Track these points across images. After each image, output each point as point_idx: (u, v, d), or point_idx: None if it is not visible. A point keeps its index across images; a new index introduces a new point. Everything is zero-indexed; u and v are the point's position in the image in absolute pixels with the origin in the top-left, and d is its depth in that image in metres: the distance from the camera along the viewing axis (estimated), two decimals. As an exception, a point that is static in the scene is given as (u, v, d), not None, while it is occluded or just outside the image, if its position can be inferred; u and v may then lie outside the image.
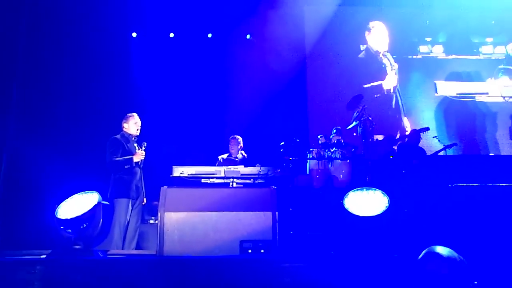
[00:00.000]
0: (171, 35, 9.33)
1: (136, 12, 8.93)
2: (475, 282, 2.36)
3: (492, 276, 3.59)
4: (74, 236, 4.37)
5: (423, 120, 9.15)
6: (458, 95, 9.39)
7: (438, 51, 9.62)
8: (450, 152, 7.44)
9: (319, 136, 7.48)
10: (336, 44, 9.43)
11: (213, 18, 9.17)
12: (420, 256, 2.48)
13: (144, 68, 9.02)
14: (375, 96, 9.22)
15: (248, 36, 9.51)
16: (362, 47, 9.52)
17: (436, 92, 9.43)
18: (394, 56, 9.48)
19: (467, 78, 9.51)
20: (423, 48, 9.63)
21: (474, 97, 9.41)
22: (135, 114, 6.07)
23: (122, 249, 5.51)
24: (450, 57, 9.58)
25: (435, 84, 9.46)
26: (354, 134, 7.33)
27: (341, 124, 7.72)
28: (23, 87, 7.63)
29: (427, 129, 7.54)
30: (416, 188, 5.87)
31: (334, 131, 7.41)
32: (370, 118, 7.17)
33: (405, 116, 9.21)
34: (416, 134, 7.44)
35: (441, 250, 2.46)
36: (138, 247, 6.09)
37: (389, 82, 9.34)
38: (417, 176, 6.33)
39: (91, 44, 8.40)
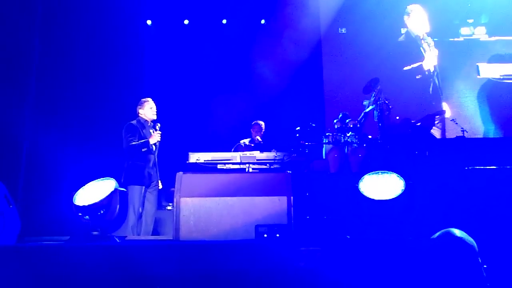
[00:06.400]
0: (186, 22, 9.33)
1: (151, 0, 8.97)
2: (484, 266, 2.35)
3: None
4: (91, 223, 4.44)
5: (465, 103, 9.00)
6: (501, 77, 9.12)
7: (480, 32, 9.35)
8: (489, 134, 7.27)
9: (335, 121, 7.43)
10: (352, 27, 9.31)
11: (228, 4, 9.14)
12: (435, 235, 2.47)
13: (159, 56, 9.08)
14: (417, 77, 9.09)
15: (262, 21, 9.46)
16: (403, 31, 9.39)
17: (479, 75, 9.17)
18: (435, 39, 9.29)
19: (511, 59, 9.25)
20: (465, 31, 9.37)
21: (519, 79, 9.14)
22: (149, 99, 6.13)
23: (139, 235, 5.60)
24: (493, 38, 9.29)
25: (477, 66, 9.19)
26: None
27: (357, 108, 7.65)
28: (40, 77, 7.71)
29: (443, 112, 7.45)
30: (432, 171, 5.81)
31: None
32: (386, 102, 7.09)
33: (443, 101, 9.05)
34: (430, 118, 7.35)
35: (458, 233, 2.45)
36: (155, 232, 6.18)
37: (429, 61, 9.17)
38: (434, 159, 6.27)
39: (106, 33, 8.46)
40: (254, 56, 8.90)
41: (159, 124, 6.02)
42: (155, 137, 5.91)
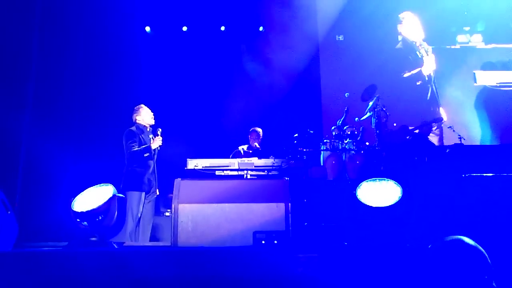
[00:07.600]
0: (184, 28, 9.37)
1: (149, 6, 8.99)
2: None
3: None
4: (90, 229, 4.44)
5: (461, 110, 8.99)
6: (498, 85, 9.13)
7: (477, 40, 9.37)
8: (486, 141, 7.25)
9: (332, 128, 7.45)
10: (349, 34, 9.35)
11: (226, 11, 9.19)
12: (446, 239, 2.45)
13: (158, 61, 9.10)
14: (417, 83, 9.10)
15: (261, 28, 9.50)
16: (400, 38, 9.41)
17: (475, 82, 9.18)
18: (432, 47, 9.31)
19: (508, 67, 9.23)
20: (461, 38, 9.39)
21: (515, 86, 9.12)
22: (143, 105, 6.15)
23: (137, 241, 5.60)
24: (490, 46, 9.31)
25: (474, 74, 9.21)
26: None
27: (355, 115, 7.67)
28: (38, 82, 7.72)
29: (441, 119, 7.46)
30: (429, 179, 5.83)
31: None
32: (384, 109, 7.12)
33: (440, 106, 9.06)
34: (428, 125, 7.36)
35: (469, 241, 2.43)
36: (154, 239, 6.18)
37: (428, 66, 9.19)
38: (431, 166, 6.29)
39: (105, 39, 8.49)
40: (252, 63, 8.93)
41: (160, 129, 6.02)
42: (156, 142, 5.92)
